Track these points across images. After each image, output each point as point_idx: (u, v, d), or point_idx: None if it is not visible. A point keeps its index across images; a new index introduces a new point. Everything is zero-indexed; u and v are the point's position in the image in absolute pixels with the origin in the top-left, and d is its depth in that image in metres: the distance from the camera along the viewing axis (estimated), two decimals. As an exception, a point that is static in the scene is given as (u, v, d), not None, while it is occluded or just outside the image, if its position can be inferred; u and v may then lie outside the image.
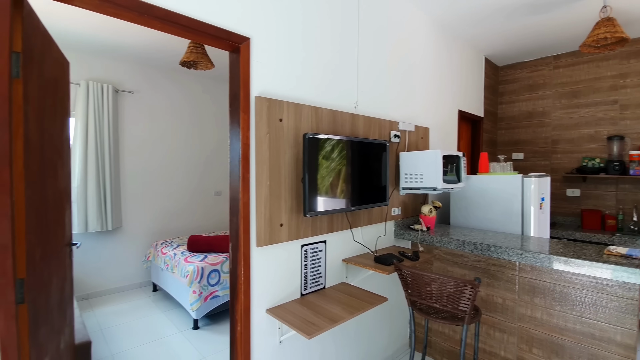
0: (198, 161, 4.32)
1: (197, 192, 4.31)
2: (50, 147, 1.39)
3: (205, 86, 4.35)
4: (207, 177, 4.41)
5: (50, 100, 1.40)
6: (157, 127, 3.95)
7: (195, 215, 4.30)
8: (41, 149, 1.28)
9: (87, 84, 3.36)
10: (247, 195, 1.51)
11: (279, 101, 1.62)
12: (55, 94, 1.47)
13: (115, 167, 3.56)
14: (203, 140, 4.35)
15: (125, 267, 3.73)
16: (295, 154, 1.70)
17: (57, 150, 1.49)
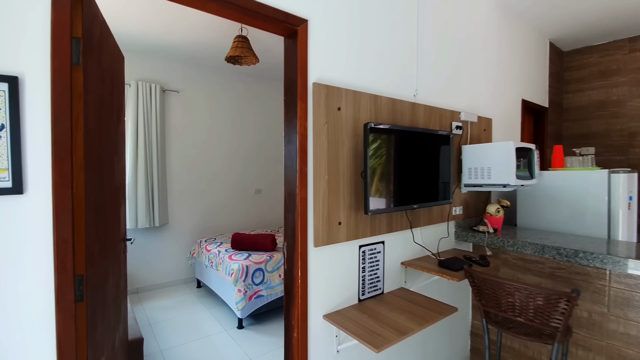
0: (239, 159, 4.32)
1: (238, 190, 4.32)
2: (108, 141, 1.35)
3: (247, 84, 4.35)
4: (247, 176, 4.40)
5: (108, 92, 1.36)
6: (200, 125, 3.99)
7: (236, 213, 4.31)
8: (100, 142, 1.24)
9: (136, 84, 3.45)
10: (304, 191, 1.39)
11: (337, 88, 1.49)
12: (113, 85, 1.44)
13: (162, 165, 3.63)
14: (244, 138, 4.35)
15: (171, 263, 3.80)
16: (353, 146, 1.55)
17: (114, 144, 1.46)
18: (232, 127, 4.24)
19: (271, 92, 4.59)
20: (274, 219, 4.68)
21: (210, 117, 4.07)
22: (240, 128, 4.31)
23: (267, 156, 4.57)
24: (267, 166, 4.57)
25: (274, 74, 4.33)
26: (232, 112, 4.24)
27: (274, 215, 4.68)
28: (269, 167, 4.59)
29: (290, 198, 1.43)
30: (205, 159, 4.03)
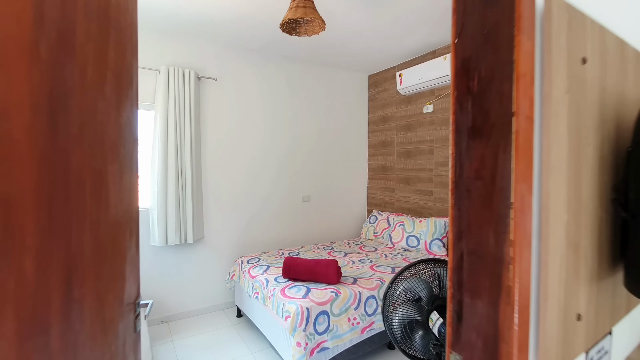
0: (285, 161, 3.61)
1: (284, 198, 3.62)
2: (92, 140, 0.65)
3: (301, 73, 3.63)
4: (295, 180, 3.69)
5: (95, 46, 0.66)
6: (242, 121, 3.32)
7: (282, 225, 3.61)
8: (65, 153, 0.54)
9: (167, 70, 2.83)
10: (525, 253, 0.59)
11: (583, 17, 0.68)
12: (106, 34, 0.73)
13: (197, 168, 3.00)
14: (291, 136, 3.63)
15: (207, 286, 3.18)
16: (598, 145, 0.74)
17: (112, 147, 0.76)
18: (278, 122, 3.54)
19: (325, 81, 3.84)
20: (325, 232, 3.94)
21: (254, 110, 3.39)
22: (287, 124, 3.60)
23: (317, 157, 3.83)
24: (316, 169, 3.83)
25: (334, 56, 3.57)
26: (281, 106, 3.54)
27: (324, 226, 3.93)
28: (319, 170, 3.85)
29: (478, 266, 0.65)
30: (245, 161, 3.36)
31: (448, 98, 3.21)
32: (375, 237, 3.77)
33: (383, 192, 4.02)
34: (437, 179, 3.34)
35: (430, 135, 3.41)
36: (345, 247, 3.49)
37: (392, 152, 3.88)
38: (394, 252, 3.28)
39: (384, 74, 3.98)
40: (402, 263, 2.88)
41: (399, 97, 3.76)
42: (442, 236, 3.15)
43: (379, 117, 4.06)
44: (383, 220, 3.79)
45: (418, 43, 3.20)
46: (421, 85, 3.31)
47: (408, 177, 3.67)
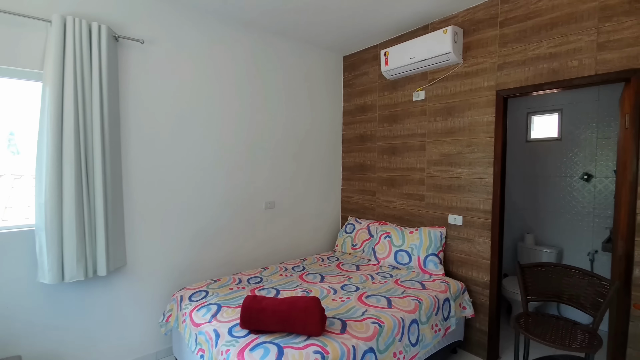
0: (244, 159, 2.81)
1: (241, 206, 2.81)
2: None
3: (261, 46, 2.82)
4: (255, 183, 2.90)
5: None
6: (182, 103, 2.45)
7: (239, 241, 2.81)
8: None
9: (63, 22, 1.89)
10: None
11: None
12: None
13: (113, 169, 2.10)
14: (252, 128, 2.83)
15: (131, 332, 2.29)
16: None
17: None
18: (231, 109, 2.72)
19: (291, 59, 3.08)
20: (293, 245, 3.20)
21: (197, 90, 2.53)
22: (244, 112, 2.79)
23: (282, 154, 3.08)
24: (281, 169, 3.07)
25: (301, 27, 2.82)
26: (231, 86, 2.72)
27: (292, 239, 3.20)
28: (285, 170, 3.10)
29: None
30: (187, 159, 2.50)
31: (445, 82, 2.64)
32: (353, 250, 3.13)
33: (361, 195, 3.39)
34: (430, 181, 2.77)
35: (422, 128, 2.83)
36: (319, 266, 2.79)
37: (372, 148, 3.26)
38: (380, 271, 2.65)
39: (362, 54, 3.33)
40: (397, 289, 2.25)
41: (382, 82, 3.14)
42: (438, 250, 2.58)
43: (356, 106, 3.41)
44: (362, 229, 3.15)
45: (406, 14, 2.58)
46: (413, 67, 2.71)
47: (393, 177, 3.07)
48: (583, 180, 3.02)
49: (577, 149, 3.06)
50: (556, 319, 1.76)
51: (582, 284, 1.73)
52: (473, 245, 2.51)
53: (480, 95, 2.44)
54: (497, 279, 2.40)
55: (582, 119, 3.03)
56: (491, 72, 2.38)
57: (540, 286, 1.83)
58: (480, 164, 2.45)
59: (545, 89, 2.12)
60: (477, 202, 2.47)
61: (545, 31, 2.11)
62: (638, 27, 1.78)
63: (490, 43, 2.37)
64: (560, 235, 3.18)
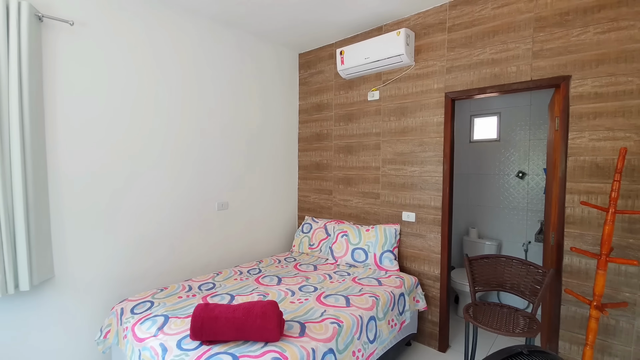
0: (193, 157, 2.62)
1: (192, 207, 2.63)
2: None
3: (212, 38, 2.65)
4: (207, 183, 2.73)
5: None
6: (122, 94, 2.22)
7: (189, 244, 2.62)
8: None
9: (-34, -7, 1.60)
10: None
11: None
12: None
13: (36, 166, 1.82)
14: (202, 125, 2.66)
15: (62, 354, 2.01)
16: None
17: None
18: (179, 104, 2.53)
19: (245, 54, 2.95)
20: (249, 247, 3.08)
21: (139, 81, 2.31)
22: (193, 108, 2.61)
23: (235, 153, 2.94)
24: (235, 167, 2.94)
25: (254, 20, 2.71)
26: (178, 79, 2.53)
27: (247, 240, 3.07)
28: (238, 169, 2.97)
29: None
30: (128, 156, 2.27)
31: (397, 84, 2.72)
32: (311, 250, 3.09)
33: (318, 194, 3.37)
34: (385, 179, 2.83)
35: (376, 127, 2.88)
36: (276, 267, 2.71)
37: (328, 147, 3.25)
38: (338, 270, 2.65)
39: (318, 52, 3.30)
40: (354, 287, 2.26)
41: (338, 80, 3.14)
42: (393, 247, 2.65)
43: (313, 104, 3.38)
44: (319, 229, 3.14)
45: (360, 14, 2.61)
46: (367, 67, 2.74)
47: (349, 176, 3.09)
48: (518, 178, 3.31)
49: (513, 149, 3.34)
50: (500, 306, 1.88)
51: (521, 273, 1.87)
52: (425, 241, 2.61)
53: (430, 97, 2.55)
54: (447, 272, 2.52)
55: (517, 122, 3.32)
56: (440, 74, 2.49)
57: (486, 277, 1.96)
58: (431, 162, 2.55)
59: (488, 92, 2.27)
60: (429, 199, 2.57)
61: (488, 38, 2.26)
62: (567, 38, 1.97)
63: (440, 47, 2.48)
64: (499, 229, 3.45)
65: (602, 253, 1.72)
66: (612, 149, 1.85)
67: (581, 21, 1.93)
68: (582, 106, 1.94)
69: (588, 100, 1.92)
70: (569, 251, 1.99)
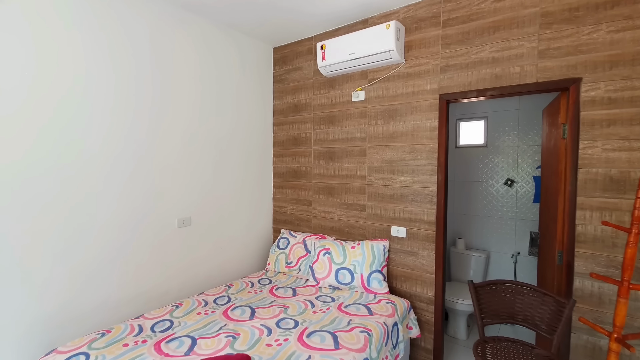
0: (149, 165, 2.18)
1: (147, 224, 2.19)
2: None
3: (173, 25, 2.22)
4: (166, 194, 2.29)
5: None
6: (53, 80, 1.75)
7: (144, 270, 2.17)
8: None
9: None
10: None
11: None
12: None
13: None
14: (161, 126, 2.22)
15: None
16: None
17: None
18: (133, 100, 2.08)
19: (211, 45, 2.53)
20: (216, 269, 2.66)
21: (76, 63, 1.85)
22: (151, 105, 2.17)
23: (200, 159, 2.52)
24: (199, 177, 2.52)
25: (224, 6, 2.31)
26: (133, 66, 2.08)
27: (215, 261, 2.66)
28: (204, 178, 2.55)
29: None
30: (62, 161, 1.81)
31: (385, 83, 2.44)
32: (288, 269, 2.74)
33: (295, 205, 3.02)
34: (372, 189, 2.54)
35: (362, 132, 2.58)
36: (249, 293, 2.33)
37: (307, 152, 2.91)
38: (320, 294, 2.32)
39: (295, 47, 2.96)
40: (342, 318, 1.94)
41: (319, 79, 2.81)
42: (382, 266, 2.36)
43: (289, 104, 3.02)
44: (298, 244, 2.79)
45: (344, 4, 2.30)
46: (352, 64, 2.44)
47: (331, 185, 2.77)
48: (506, 186, 3.15)
49: (501, 155, 3.18)
50: (513, 343, 1.64)
51: (534, 303, 1.64)
52: (417, 259, 2.34)
53: (422, 99, 2.28)
54: (442, 294, 2.27)
55: (505, 127, 3.16)
56: (434, 74, 2.23)
57: (495, 307, 1.71)
58: (423, 171, 2.29)
59: (489, 94, 2.04)
60: (421, 213, 2.31)
61: (488, 34, 2.02)
62: (577, 37, 1.77)
63: (433, 43, 2.23)
64: (487, 239, 3.28)
65: (623, 279, 1.52)
66: (628, 161, 1.66)
67: (592, 18, 1.73)
68: (594, 112, 1.74)
69: (601, 106, 1.72)
70: (580, 273, 1.79)
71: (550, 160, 2.17)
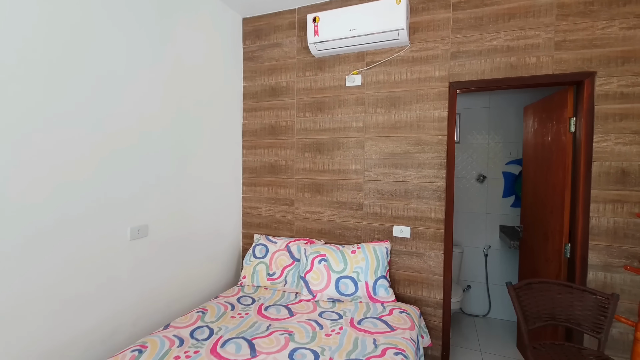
0: (93, 160, 1.52)
1: (83, 238, 1.52)
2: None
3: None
4: (115, 199, 1.64)
5: None
6: None
7: (73, 307, 1.50)
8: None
9: None
10: None
11: None
12: None
13: None
14: (107, 112, 1.57)
15: None
16: None
17: None
18: (68, 80, 1.41)
19: (166, 11, 1.94)
20: (179, 290, 2.06)
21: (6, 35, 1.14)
22: (93, 85, 1.51)
23: (156, 153, 1.91)
24: (156, 175, 1.91)
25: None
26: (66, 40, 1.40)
27: (178, 280, 2.06)
28: (162, 177, 1.95)
29: None
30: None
31: (387, 67, 2.19)
32: (271, 281, 2.29)
33: (272, 205, 2.57)
34: (370, 186, 2.27)
35: (358, 121, 2.29)
36: (232, 318, 1.84)
37: (288, 144, 2.50)
38: (322, 309, 1.96)
39: (273, 19, 2.51)
40: (364, 339, 1.62)
41: (303, 58, 2.42)
42: (386, 271, 2.11)
43: (265, 87, 2.56)
44: (281, 251, 2.36)
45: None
46: (351, 42, 2.13)
47: (319, 182, 2.42)
48: (478, 182, 3.22)
49: (473, 151, 3.24)
50: (559, 346, 1.54)
51: (573, 301, 1.57)
52: (423, 260, 2.16)
53: (430, 86, 2.10)
54: (450, 297, 2.12)
55: (475, 124, 3.23)
56: (443, 60, 2.07)
57: (536, 309, 1.60)
58: (431, 165, 2.11)
59: (505, 84, 1.95)
60: (428, 210, 2.13)
61: (503, 22, 1.93)
62: (592, 30, 1.77)
63: (443, 27, 2.06)
64: (460, 234, 3.31)
65: (650, 269, 1.54)
66: (639, 154, 1.72)
67: (607, 13, 1.75)
68: (607, 106, 1.77)
69: (614, 100, 1.75)
70: (593, 265, 1.80)
71: (547, 155, 2.20)
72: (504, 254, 3.14)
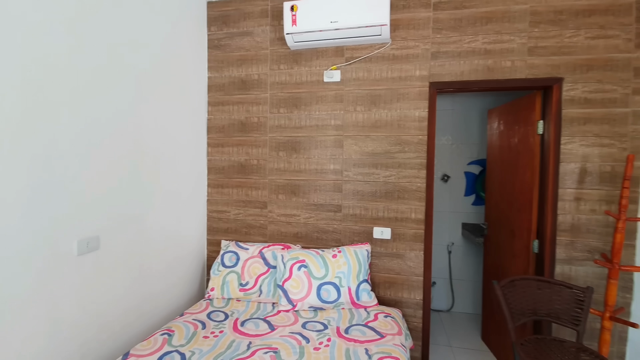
0: (18, 157, 1.20)
1: (19, 257, 1.20)
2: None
3: None
4: (57, 207, 1.33)
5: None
6: None
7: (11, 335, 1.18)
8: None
9: None
10: None
11: None
12: None
13: None
14: (50, 103, 1.25)
15: None
16: None
17: None
18: None
19: (123, -36, 1.63)
20: (136, 309, 1.77)
21: None
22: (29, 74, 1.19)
23: (109, 153, 1.61)
24: (107, 179, 1.61)
25: None
26: None
27: (139, 296, 1.77)
28: (114, 181, 1.65)
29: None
30: None
31: (367, 64, 2.12)
32: (244, 292, 2.09)
33: (242, 208, 2.36)
34: (349, 187, 2.18)
35: (336, 119, 2.19)
36: (205, 339, 1.62)
37: (260, 142, 2.31)
38: (304, 319, 1.82)
39: (243, 5, 2.30)
40: (355, 350, 1.52)
41: (278, 50, 2.25)
42: (368, 274, 2.04)
43: (233, 79, 2.34)
44: (254, 259, 2.17)
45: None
46: (332, 35, 2.02)
47: (294, 183, 2.27)
48: (442, 181, 3.33)
49: (437, 152, 3.34)
50: (544, 340, 1.59)
51: (551, 296, 1.64)
52: (403, 261, 2.13)
53: (411, 85, 2.08)
54: (430, 297, 2.13)
55: (439, 125, 3.33)
56: (424, 59, 2.05)
57: (520, 306, 1.64)
58: (411, 165, 2.09)
59: (482, 86, 1.99)
60: (408, 211, 2.11)
61: (481, 25, 1.97)
62: (560, 38, 1.88)
63: (424, 26, 2.04)
64: (425, 232, 3.39)
65: (614, 262, 1.67)
66: (599, 155, 1.86)
67: (573, 23, 1.87)
68: (573, 110, 1.89)
69: (579, 105, 1.88)
70: (560, 260, 1.92)
71: (513, 155, 2.31)
72: (467, 250, 3.28)
